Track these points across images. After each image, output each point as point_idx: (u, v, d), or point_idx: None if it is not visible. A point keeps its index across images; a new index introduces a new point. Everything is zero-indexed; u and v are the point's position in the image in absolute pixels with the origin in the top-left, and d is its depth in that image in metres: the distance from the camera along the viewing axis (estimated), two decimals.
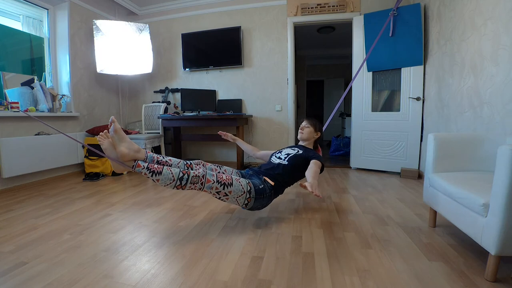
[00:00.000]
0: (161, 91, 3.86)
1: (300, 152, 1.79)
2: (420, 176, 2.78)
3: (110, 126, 1.42)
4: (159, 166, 1.38)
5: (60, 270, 1.14)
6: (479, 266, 1.14)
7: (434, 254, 1.25)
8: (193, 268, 1.15)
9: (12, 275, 1.10)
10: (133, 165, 1.37)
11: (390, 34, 2.80)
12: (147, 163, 1.39)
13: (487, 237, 1.02)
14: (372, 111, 3.08)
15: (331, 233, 1.49)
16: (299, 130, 1.94)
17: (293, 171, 1.71)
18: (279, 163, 1.75)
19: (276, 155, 1.87)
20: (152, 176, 1.35)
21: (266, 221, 1.66)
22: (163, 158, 1.56)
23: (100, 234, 1.50)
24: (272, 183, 1.62)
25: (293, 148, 1.87)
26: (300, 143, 1.98)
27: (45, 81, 3.05)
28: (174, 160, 1.59)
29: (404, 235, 1.45)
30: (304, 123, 1.94)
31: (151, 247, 1.34)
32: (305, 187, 1.29)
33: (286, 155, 1.79)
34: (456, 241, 1.37)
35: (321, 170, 1.71)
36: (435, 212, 1.55)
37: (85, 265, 1.18)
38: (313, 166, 1.60)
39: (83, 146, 3.07)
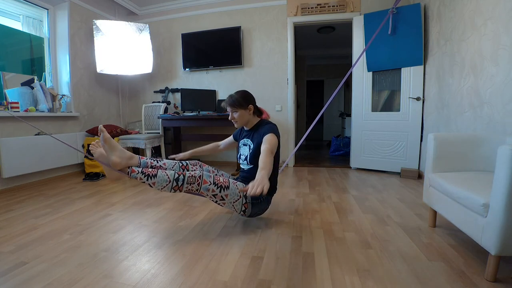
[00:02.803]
0: (161, 91, 3.86)
1: (252, 145, 1.61)
2: (420, 176, 2.78)
3: (99, 135, 1.37)
4: (153, 170, 1.37)
5: (60, 270, 1.14)
6: (479, 266, 1.14)
7: (434, 254, 1.25)
8: (193, 268, 1.15)
9: (12, 275, 1.10)
10: (128, 172, 1.36)
11: (389, 32, 2.80)
12: (141, 168, 1.38)
13: (487, 237, 1.02)
14: (372, 111, 3.08)
15: (331, 233, 1.49)
16: (232, 121, 1.64)
17: None
18: (247, 168, 1.65)
19: (239, 158, 1.72)
20: (147, 180, 1.34)
21: (266, 221, 1.66)
22: (157, 162, 1.54)
23: (100, 234, 1.50)
24: None
25: (245, 143, 1.68)
26: (245, 128, 1.73)
27: (45, 81, 3.05)
28: (168, 163, 1.56)
29: (404, 235, 1.45)
30: (229, 110, 1.62)
31: (151, 247, 1.34)
32: (245, 191, 1.10)
33: (244, 158, 1.65)
34: (456, 241, 1.37)
35: (278, 139, 1.54)
36: (435, 212, 1.55)
37: (85, 265, 1.18)
38: (263, 150, 1.37)
39: (82, 146, 3.08)
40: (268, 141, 1.44)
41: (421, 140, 2.83)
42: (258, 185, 1.08)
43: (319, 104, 7.53)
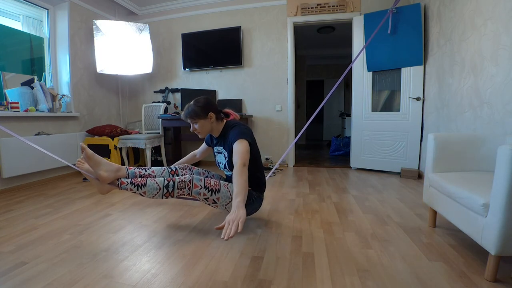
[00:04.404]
0: (161, 91, 3.86)
1: (226, 153, 1.55)
2: (420, 176, 2.78)
3: (82, 153, 1.35)
4: (142, 179, 1.37)
5: (60, 270, 1.14)
6: (479, 266, 1.14)
7: (434, 254, 1.25)
8: (193, 268, 1.15)
9: (12, 275, 1.10)
10: (118, 184, 1.37)
11: (389, 31, 2.80)
12: (130, 179, 1.38)
13: (487, 237, 1.02)
14: (372, 111, 3.09)
15: (331, 233, 1.49)
16: (195, 132, 1.55)
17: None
18: (230, 174, 1.60)
19: (218, 166, 1.68)
20: (137, 190, 1.35)
21: (266, 221, 1.66)
22: (146, 171, 1.54)
23: (100, 234, 1.50)
24: (250, 188, 1.53)
25: (219, 151, 1.62)
26: (214, 135, 1.64)
27: (45, 81, 3.05)
28: (157, 170, 1.56)
29: (404, 235, 1.45)
30: (190, 121, 1.52)
31: (151, 247, 1.34)
32: (220, 229, 1.00)
33: (223, 166, 1.60)
34: (456, 241, 1.37)
35: (251, 143, 1.43)
36: (435, 212, 1.55)
37: (85, 265, 1.18)
38: (235, 167, 1.29)
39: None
40: (238, 152, 1.34)
41: (421, 140, 2.83)
42: (234, 220, 1.00)
43: (319, 104, 7.52)
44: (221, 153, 1.61)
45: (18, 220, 1.72)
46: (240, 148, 1.36)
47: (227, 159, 1.55)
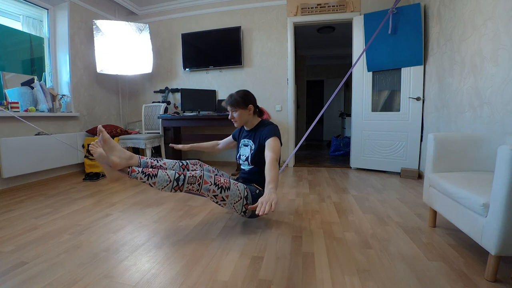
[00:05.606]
0: (161, 91, 3.86)
1: (253, 146, 1.62)
2: (420, 176, 2.78)
3: (99, 135, 1.35)
4: (154, 170, 1.36)
5: (60, 270, 1.14)
6: (479, 266, 1.14)
7: (434, 254, 1.25)
8: (193, 268, 1.15)
9: (12, 275, 1.10)
10: (128, 171, 1.35)
11: (389, 31, 2.80)
12: (141, 168, 1.37)
13: (487, 237, 1.02)
14: (372, 111, 3.08)
15: (331, 233, 1.49)
16: (232, 120, 1.65)
17: (263, 168, 1.44)
18: (248, 169, 1.66)
19: (239, 159, 1.72)
20: (148, 179, 1.33)
21: (266, 221, 1.66)
22: (157, 162, 1.53)
23: (100, 234, 1.50)
24: (261, 188, 1.57)
25: (245, 143, 1.69)
26: (246, 128, 1.74)
27: (45, 81, 3.05)
28: (168, 163, 1.55)
29: (404, 235, 1.45)
30: (229, 109, 1.62)
31: (151, 247, 1.34)
32: (254, 209, 1.12)
33: (245, 158, 1.65)
34: (456, 241, 1.37)
35: (280, 141, 1.55)
36: (435, 212, 1.55)
37: (85, 265, 1.18)
38: (269, 160, 1.37)
39: (82, 146, 3.07)
40: (272, 148, 1.45)
41: (421, 140, 2.83)
42: (267, 201, 1.10)
43: (319, 104, 7.53)
44: (247, 145, 1.67)
45: (18, 220, 1.72)
46: (275, 145, 1.48)
47: (252, 151, 1.62)
